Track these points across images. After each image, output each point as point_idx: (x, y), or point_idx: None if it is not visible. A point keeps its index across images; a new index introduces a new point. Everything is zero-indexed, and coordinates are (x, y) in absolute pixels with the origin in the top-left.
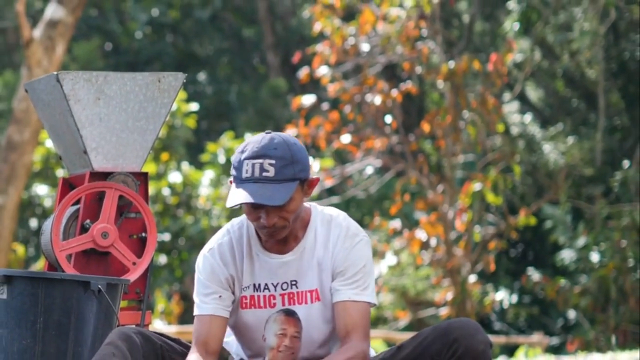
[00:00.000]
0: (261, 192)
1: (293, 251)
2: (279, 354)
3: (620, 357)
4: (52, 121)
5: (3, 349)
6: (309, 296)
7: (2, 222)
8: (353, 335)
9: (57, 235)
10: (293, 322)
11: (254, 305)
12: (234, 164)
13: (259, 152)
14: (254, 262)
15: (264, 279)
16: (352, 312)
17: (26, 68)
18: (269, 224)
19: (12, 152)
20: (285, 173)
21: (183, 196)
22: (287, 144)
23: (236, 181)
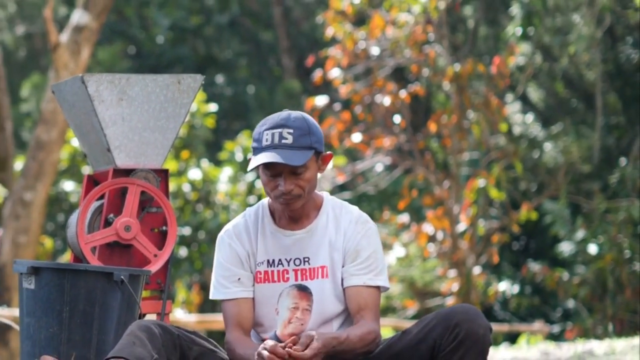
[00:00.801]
0: (280, 155)
1: (305, 229)
2: (289, 324)
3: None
4: (78, 121)
5: (31, 337)
6: (320, 272)
7: (31, 216)
8: (366, 315)
9: (82, 229)
10: (305, 297)
11: (268, 279)
12: (255, 137)
13: (278, 123)
14: (267, 239)
15: (278, 255)
16: (366, 295)
17: (53, 71)
18: (287, 189)
19: (40, 151)
20: (303, 141)
21: (202, 192)
22: (304, 117)
23: (256, 151)
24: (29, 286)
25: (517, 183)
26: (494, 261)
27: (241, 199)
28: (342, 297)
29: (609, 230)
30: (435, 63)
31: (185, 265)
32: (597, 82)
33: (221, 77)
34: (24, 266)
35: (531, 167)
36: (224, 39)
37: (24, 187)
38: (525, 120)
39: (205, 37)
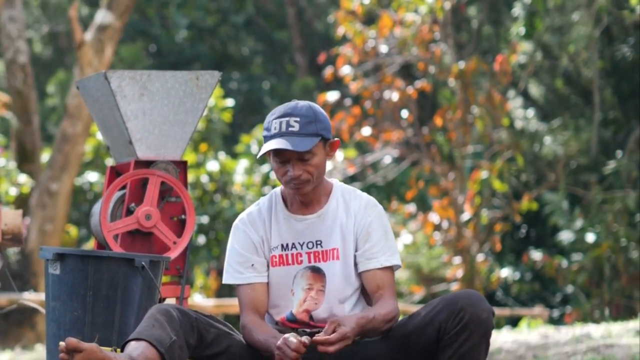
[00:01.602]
0: (287, 141)
1: (317, 213)
2: (304, 303)
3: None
4: (101, 115)
5: (56, 319)
6: (332, 254)
7: (56, 206)
8: (385, 294)
9: (105, 218)
10: (319, 278)
11: (282, 263)
12: (265, 126)
13: (285, 112)
14: (281, 225)
15: (291, 239)
16: (383, 276)
17: (78, 68)
18: (295, 175)
19: (66, 144)
20: (309, 128)
21: (220, 183)
22: (310, 106)
23: (266, 139)
24: (55, 272)
25: (518, 175)
26: (496, 249)
27: (256, 190)
28: (353, 279)
29: (606, 219)
30: (441, 61)
31: (203, 252)
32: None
33: (237, 73)
34: (50, 253)
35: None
36: (239, 38)
37: (50, 178)
38: (526, 115)
39: (222, 35)
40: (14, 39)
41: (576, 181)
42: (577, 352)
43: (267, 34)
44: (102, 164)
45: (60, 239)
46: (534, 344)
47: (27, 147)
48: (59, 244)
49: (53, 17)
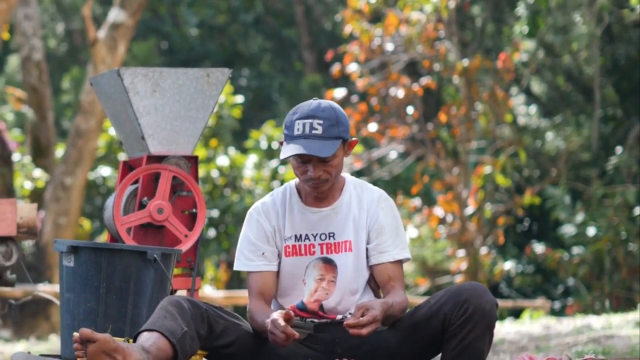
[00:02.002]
0: (311, 145)
1: (331, 206)
2: (315, 293)
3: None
4: (114, 111)
5: (70, 311)
6: (344, 246)
7: (70, 200)
8: (396, 285)
9: (118, 211)
10: (330, 269)
11: (295, 253)
12: (286, 124)
13: (309, 113)
14: (294, 216)
15: (305, 230)
16: (394, 268)
17: (92, 65)
18: (315, 175)
19: (80, 139)
20: (332, 132)
21: (230, 177)
22: (332, 108)
23: (287, 139)
24: (69, 264)
25: (521, 170)
26: (499, 242)
27: (265, 184)
28: (364, 271)
29: (606, 213)
30: (446, 58)
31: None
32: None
33: (247, 71)
34: (64, 245)
35: (534, 155)
36: (249, 36)
37: (65, 172)
38: (528, 111)
39: (232, 33)
40: (29, 36)
41: (577, 176)
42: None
43: (275, 32)
44: (115, 158)
45: (74, 232)
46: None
47: (41, 142)
48: (72, 237)
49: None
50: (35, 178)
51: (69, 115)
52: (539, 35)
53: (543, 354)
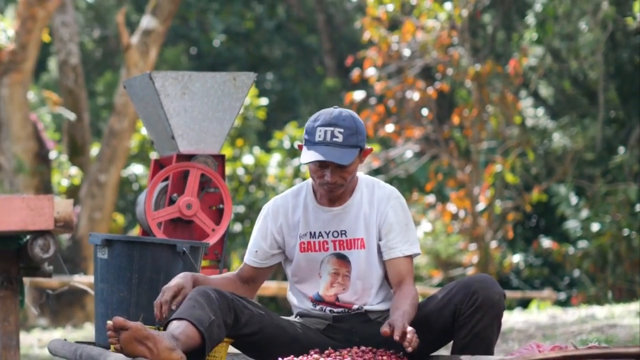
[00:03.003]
0: (331, 153)
1: (342, 206)
2: (332, 288)
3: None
4: (146, 112)
5: (104, 300)
6: (357, 243)
7: (104, 196)
8: (406, 281)
9: (149, 207)
10: (344, 264)
11: (310, 249)
12: (307, 130)
13: (330, 121)
14: (309, 214)
15: (318, 228)
16: (404, 263)
17: (125, 69)
18: (332, 180)
19: (113, 138)
20: (351, 140)
21: (254, 175)
22: (352, 117)
23: (308, 144)
24: (103, 256)
25: (529, 168)
26: (509, 236)
27: (288, 181)
28: (377, 266)
29: (609, 210)
30: (459, 63)
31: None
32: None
33: (271, 75)
34: (99, 239)
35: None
36: (273, 42)
37: (99, 170)
38: (536, 113)
39: (257, 39)
40: (66, 42)
41: (582, 174)
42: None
43: (298, 38)
44: (146, 157)
45: (107, 226)
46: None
47: (77, 142)
48: (106, 231)
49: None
50: (72, 175)
51: (103, 116)
52: (547, 42)
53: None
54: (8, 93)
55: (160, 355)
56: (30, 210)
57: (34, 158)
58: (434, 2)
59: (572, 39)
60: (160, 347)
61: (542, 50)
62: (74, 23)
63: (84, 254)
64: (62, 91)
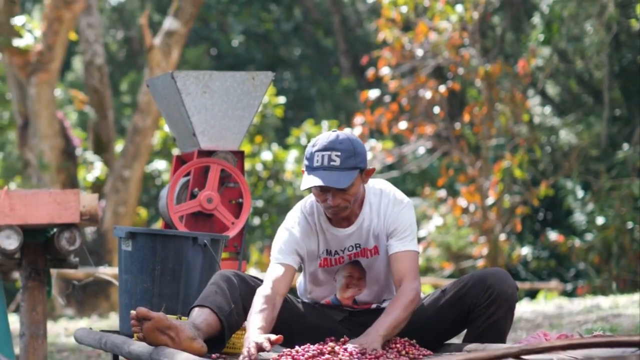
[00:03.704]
0: (329, 177)
1: (354, 224)
2: (347, 290)
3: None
4: (168, 110)
5: (128, 291)
6: (369, 252)
7: (128, 190)
8: (405, 279)
9: (171, 201)
10: (357, 269)
11: (327, 264)
12: (307, 156)
13: (327, 146)
14: (325, 235)
15: (334, 247)
16: (404, 260)
17: (148, 68)
18: (334, 204)
19: (137, 135)
20: (349, 163)
21: (273, 170)
22: (349, 140)
23: (308, 169)
24: (127, 248)
25: (536, 164)
26: (517, 230)
27: None
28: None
29: (614, 204)
30: (469, 63)
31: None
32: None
33: (288, 74)
34: (123, 232)
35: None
36: (290, 43)
37: (123, 165)
38: (544, 111)
39: (274, 40)
40: (92, 43)
41: (587, 170)
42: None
43: (314, 39)
44: (169, 153)
45: (131, 219)
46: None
47: (102, 139)
48: (130, 224)
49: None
50: (97, 171)
51: (127, 114)
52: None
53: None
54: (36, 92)
55: (182, 345)
56: (57, 204)
57: (61, 154)
58: (446, 4)
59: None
60: (182, 337)
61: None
62: (99, 25)
63: (109, 247)
64: (87, 90)
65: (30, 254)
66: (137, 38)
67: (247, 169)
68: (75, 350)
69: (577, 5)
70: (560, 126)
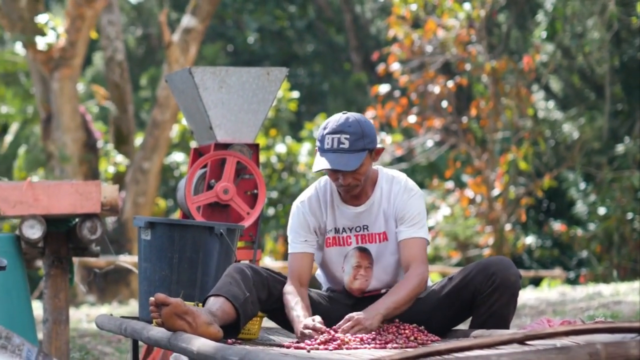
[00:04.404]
0: (338, 160)
1: (365, 204)
2: (355, 281)
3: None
4: (186, 104)
5: (147, 278)
6: (378, 237)
7: (148, 182)
8: (412, 264)
9: (189, 192)
10: (366, 257)
11: (335, 243)
12: (318, 138)
13: (337, 129)
14: (335, 212)
15: (343, 224)
16: (412, 246)
17: (166, 64)
18: (345, 183)
19: (156, 129)
20: (357, 145)
21: (287, 163)
22: (358, 122)
23: (319, 151)
24: (146, 237)
25: (540, 157)
26: (522, 220)
27: None
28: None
29: (615, 195)
30: (476, 59)
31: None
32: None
33: (301, 70)
34: (142, 221)
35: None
36: (303, 39)
37: (143, 158)
38: (547, 106)
39: (288, 37)
40: (113, 39)
41: (590, 162)
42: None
43: (327, 36)
44: (187, 146)
45: (150, 209)
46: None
47: (123, 132)
48: (149, 214)
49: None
50: (117, 163)
51: (146, 108)
52: (557, 40)
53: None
54: (58, 87)
55: (199, 329)
56: (79, 195)
57: (83, 147)
58: (454, 2)
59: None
60: (198, 322)
61: (553, 48)
62: (120, 22)
63: (129, 236)
64: (108, 85)
65: (53, 243)
66: (155, 35)
67: (262, 161)
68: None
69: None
70: (563, 120)
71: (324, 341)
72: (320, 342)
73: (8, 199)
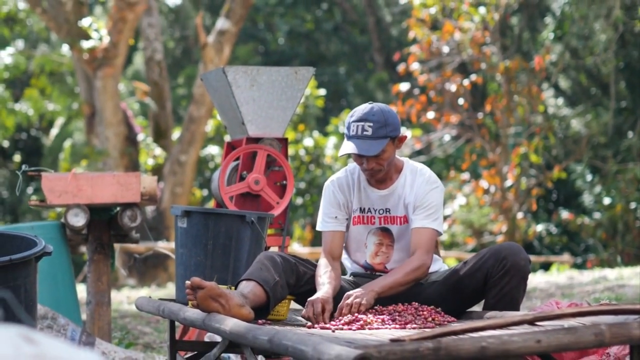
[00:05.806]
0: (362, 145)
1: (389, 188)
2: (377, 257)
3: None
4: (220, 101)
5: (183, 263)
6: (399, 220)
7: (185, 173)
8: (418, 251)
9: (223, 183)
10: (387, 236)
11: (360, 222)
12: (346, 125)
13: (362, 117)
14: (361, 193)
15: (368, 205)
16: (422, 234)
17: (202, 64)
18: (369, 167)
19: (192, 124)
20: (380, 132)
21: (314, 155)
22: (382, 111)
23: (346, 137)
24: (183, 225)
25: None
26: (532, 209)
27: (343, 160)
28: None
29: (619, 186)
30: (490, 60)
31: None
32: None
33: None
34: (179, 210)
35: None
36: (330, 41)
37: (180, 151)
38: (557, 103)
39: (316, 39)
40: (152, 40)
41: (596, 155)
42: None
43: (351, 37)
44: (221, 139)
45: (187, 199)
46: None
47: (161, 127)
48: (186, 203)
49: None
50: (156, 156)
51: (183, 104)
52: (566, 41)
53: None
54: (102, 85)
55: (232, 311)
56: (120, 185)
57: (124, 141)
58: (470, 6)
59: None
60: (231, 304)
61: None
62: (159, 24)
63: (167, 224)
64: (148, 83)
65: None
66: (192, 37)
67: (291, 154)
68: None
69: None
70: (571, 116)
71: (348, 322)
72: (344, 323)
73: (54, 189)
